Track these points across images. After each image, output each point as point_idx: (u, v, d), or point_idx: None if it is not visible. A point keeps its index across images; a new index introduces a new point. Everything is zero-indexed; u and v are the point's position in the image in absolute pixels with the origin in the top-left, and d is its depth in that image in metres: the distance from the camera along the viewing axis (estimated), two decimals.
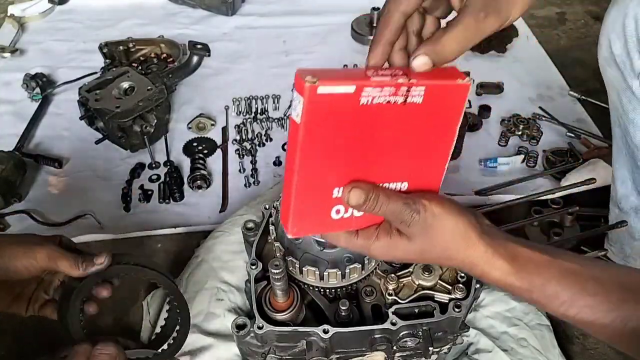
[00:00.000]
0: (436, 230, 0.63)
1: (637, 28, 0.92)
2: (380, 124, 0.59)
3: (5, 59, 1.94)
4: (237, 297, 1.10)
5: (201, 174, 1.50)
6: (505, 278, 0.64)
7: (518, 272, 0.64)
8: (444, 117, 0.63)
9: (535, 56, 1.94)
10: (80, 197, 1.50)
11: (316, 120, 0.56)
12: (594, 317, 0.62)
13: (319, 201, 0.63)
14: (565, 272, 0.63)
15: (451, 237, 0.64)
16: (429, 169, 0.67)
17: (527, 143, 1.62)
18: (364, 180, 0.63)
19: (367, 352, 0.85)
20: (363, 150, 0.61)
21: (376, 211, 0.62)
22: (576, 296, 0.63)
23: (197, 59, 1.77)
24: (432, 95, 0.59)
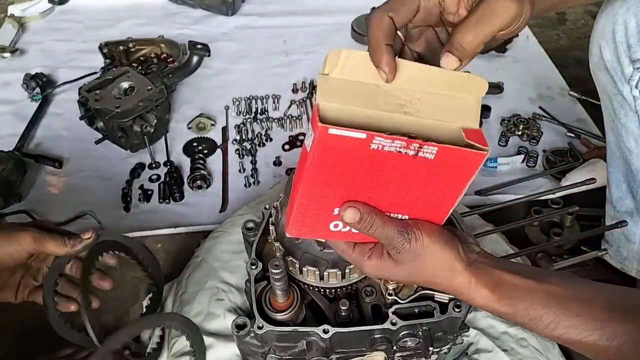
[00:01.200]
0: (424, 260, 0.67)
1: (626, 34, 0.92)
2: (388, 168, 0.60)
3: (5, 59, 1.94)
4: (237, 297, 1.10)
5: (201, 174, 1.50)
6: (488, 305, 0.68)
7: (501, 299, 0.67)
8: (454, 174, 0.63)
9: (535, 56, 1.95)
10: (80, 197, 1.50)
11: (325, 155, 0.58)
12: (579, 336, 0.64)
13: (319, 214, 0.67)
14: (550, 295, 0.66)
15: (438, 267, 0.67)
16: (433, 211, 0.68)
17: (527, 143, 1.62)
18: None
19: (367, 352, 0.85)
20: (368, 185, 0.63)
21: (370, 233, 0.65)
22: (560, 318, 0.65)
23: (197, 59, 1.77)
24: (445, 155, 0.59)
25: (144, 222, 1.43)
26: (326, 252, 0.87)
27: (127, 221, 1.44)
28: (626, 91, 0.96)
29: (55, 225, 0.88)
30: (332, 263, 0.85)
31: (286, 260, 0.82)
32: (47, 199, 1.50)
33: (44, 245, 0.81)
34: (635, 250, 1.10)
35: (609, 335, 0.63)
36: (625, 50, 0.94)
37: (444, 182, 0.64)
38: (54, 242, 0.80)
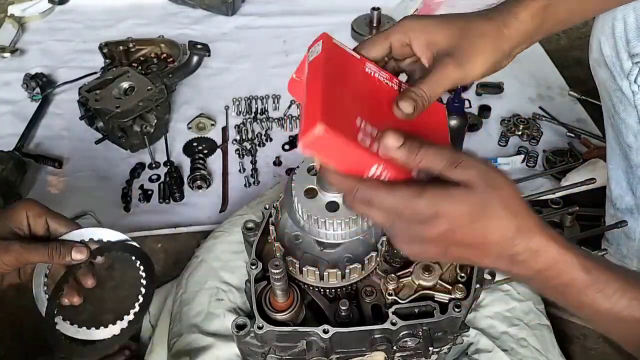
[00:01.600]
0: (497, 182, 0.54)
1: (625, 29, 0.93)
2: (383, 95, 0.68)
3: (5, 59, 1.94)
4: (237, 297, 1.10)
5: (201, 174, 1.50)
6: (581, 286, 0.57)
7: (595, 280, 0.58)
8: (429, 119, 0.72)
9: (535, 56, 1.94)
10: (80, 197, 1.50)
11: (329, 54, 0.73)
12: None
13: (344, 114, 0.61)
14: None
15: (513, 209, 0.54)
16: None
17: (527, 143, 1.62)
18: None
19: (367, 352, 0.85)
20: (374, 105, 0.67)
21: (417, 159, 0.55)
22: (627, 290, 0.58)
23: (197, 59, 1.77)
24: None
25: (144, 222, 1.43)
26: (326, 252, 0.87)
27: (127, 221, 1.44)
28: (625, 86, 0.96)
29: (44, 208, 0.82)
30: (332, 263, 0.85)
31: (286, 260, 0.82)
32: (47, 199, 1.49)
33: (29, 259, 0.77)
34: (636, 248, 1.10)
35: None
36: (624, 45, 0.94)
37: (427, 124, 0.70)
38: (40, 256, 0.77)
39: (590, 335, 1.21)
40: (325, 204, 0.78)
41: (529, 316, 1.09)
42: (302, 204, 0.77)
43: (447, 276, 0.86)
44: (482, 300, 1.10)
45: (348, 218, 0.76)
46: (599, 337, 1.21)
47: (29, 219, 0.81)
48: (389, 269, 0.89)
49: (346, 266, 0.82)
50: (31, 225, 0.81)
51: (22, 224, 0.80)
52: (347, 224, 0.77)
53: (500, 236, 0.55)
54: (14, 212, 0.80)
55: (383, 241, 0.84)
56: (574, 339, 1.21)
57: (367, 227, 0.79)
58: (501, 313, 1.08)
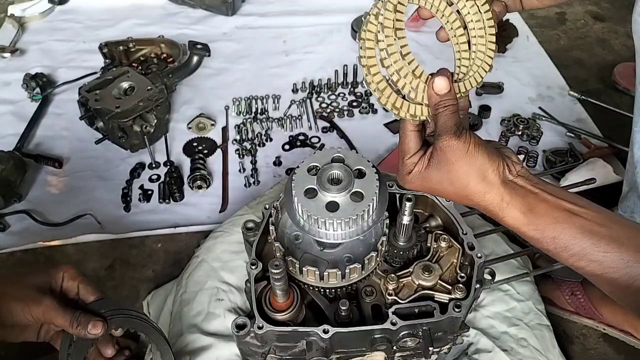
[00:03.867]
0: (463, 164, 0.67)
1: None
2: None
3: (5, 59, 1.94)
4: (237, 297, 1.10)
5: (201, 174, 1.50)
6: (518, 227, 0.68)
7: (530, 223, 0.67)
8: None
9: (535, 56, 1.95)
10: (80, 197, 1.50)
11: None
12: (601, 271, 0.65)
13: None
14: (581, 227, 0.66)
15: (474, 177, 0.67)
16: None
17: (527, 143, 1.62)
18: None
19: (367, 352, 0.85)
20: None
21: (440, 111, 0.67)
22: (587, 251, 0.65)
23: (197, 59, 1.77)
24: None
25: (144, 222, 1.43)
26: (326, 252, 0.87)
27: (127, 221, 1.44)
28: None
29: (80, 275, 0.88)
30: (332, 263, 0.85)
31: (286, 260, 0.82)
32: (47, 199, 1.50)
33: (53, 321, 0.82)
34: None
35: (632, 275, 0.63)
36: None
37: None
38: (62, 321, 0.81)
39: (590, 335, 1.21)
40: (325, 204, 0.78)
41: (529, 316, 1.09)
42: (302, 204, 0.77)
43: (447, 276, 0.86)
44: (482, 300, 1.10)
45: (348, 218, 0.76)
46: (599, 337, 1.21)
47: (64, 280, 0.86)
48: (389, 269, 0.89)
49: (346, 266, 0.82)
50: (64, 287, 0.87)
51: (57, 283, 0.86)
52: (347, 224, 0.77)
53: (456, 194, 0.71)
54: (53, 271, 0.86)
55: (383, 241, 0.84)
56: (574, 339, 1.21)
57: (367, 227, 0.79)
58: (501, 313, 1.08)
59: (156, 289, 1.27)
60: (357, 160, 0.82)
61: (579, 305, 1.19)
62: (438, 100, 0.67)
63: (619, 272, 0.64)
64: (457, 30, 0.71)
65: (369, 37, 0.68)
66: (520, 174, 0.69)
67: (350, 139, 1.64)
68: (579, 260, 0.66)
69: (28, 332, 0.87)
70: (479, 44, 0.71)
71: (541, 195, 0.68)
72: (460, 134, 0.67)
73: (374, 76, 0.70)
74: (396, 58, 0.67)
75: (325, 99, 1.78)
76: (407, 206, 0.82)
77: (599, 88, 1.82)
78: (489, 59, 0.70)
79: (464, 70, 0.71)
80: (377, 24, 0.67)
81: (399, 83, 0.68)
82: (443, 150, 0.67)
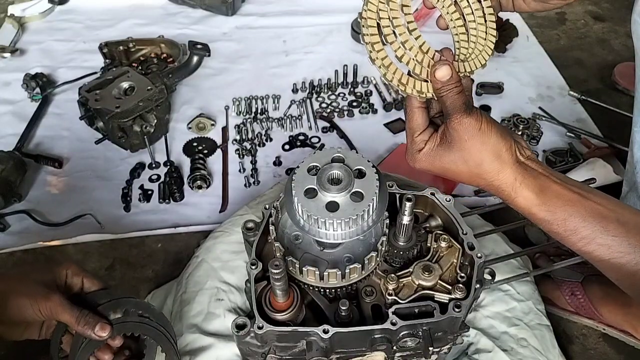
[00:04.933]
0: (476, 143, 0.67)
1: None
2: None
3: (5, 59, 1.94)
4: (237, 297, 1.10)
5: (201, 174, 1.50)
6: (530, 207, 0.68)
7: (542, 204, 0.67)
8: None
9: (535, 56, 1.95)
10: (80, 197, 1.50)
11: None
12: (609, 256, 0.66)
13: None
14: (591, 211, 0.66)
15: (488, 155, 0.67)
16: None
17: (527, 143, 1.61)
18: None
19: (367, 352, 0.85)
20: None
21: (445, 95, 0.66)
22: (596, 234, 0.66)
23: (197, 59, 1.77)
24: None
25: (144, 222, 1.43)
26: (326, 252, 0.87)
27: (127, 221, 1.44)
28: None
29: (82, 271, 0.88)
30: (332, 263, 0.85)
31: (286, 260, 0.82)
32: (47, 199, 1.50)
33: (60, 317, 0.82)
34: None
35: (638, 261, 0.64)
36: None
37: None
38: (69, 318, 0.81)
39: (590, 335, 1.21)
40: (325, 204, 0.78)
41: (529, 316, 1.09)
42: (302, 204, 0.77)
43: (447, 276, 0.86)
44: (482, 300, 1.10)
45: (348, 218, 0.76)
46: (599, 337, 1.21)
47: (67, 277, 0.87)
48: (389, 269, 0.89)
49: (346, 266, 0.82)
50: (68, 283, 0.87)
51: (62, 279, 0.87)
52: (347, 224, 0.77)
53: (470, 174, 0.70)
54: (57, 268, 0.87)
55: (383, 241, 0.84)
56: (574, 339, 1.21)
57: (367, 227, 0.79)
58: (501, 313, 1.08)
59: (156, 289, 1.28)
60: (357, 160, 0.82)
61: (578, 305, 1.19)
62: (441, 85, 0.67)
63: (626, 258, 0.65)
64: (453, 15, 0.71)
65: (370, 15, 0.68)
66: (531, 157, 0.70)
67: (350, 139, 1.64)
68: (587, 244, 0.66)
69: (31, 330, 0.88)
70: (479, 29, 0.70)
71: (552, 177, 0.68)
72: (471, 112, 0.66)
73: (378, 52, 0.69)
74: (402, 31, 0.66)
75: (325, 99, 1.78)
76: (407, 206, 0.82)
77: (599, 88, 1.82)
78: (490, 44, 0.71)
79: (464, 52, 0.71)
80: (377, 2, 0.67)
81: (404, 58, 0.68)
82: (455, 128, 0.67)
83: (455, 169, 0.70)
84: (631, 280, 0.66)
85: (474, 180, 0.71)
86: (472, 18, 0.71)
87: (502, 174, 0.68)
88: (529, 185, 0.67)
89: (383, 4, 0.67)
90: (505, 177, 0.68)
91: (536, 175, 0.68)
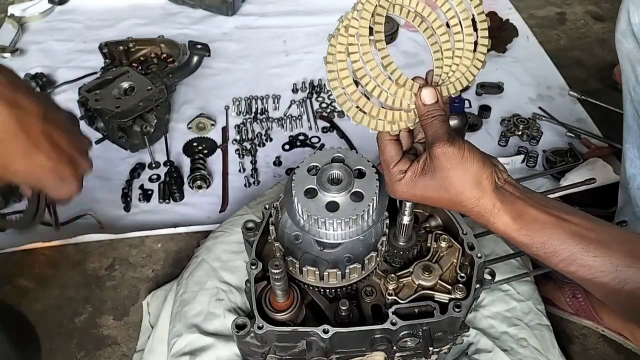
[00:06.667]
0: (458, 171, 0.67)
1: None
2: None
3: (5, 59, 1.94)
4: (237, 297, 1.10)
5: (201, 174, 1.50)
6: (509, 232, 0.69)
7: (520, 229, 0.68)
8: None
9: (535, 56, 1.95)
10: (80, 197, 1.49)
11: None
12: (592, 276, 0.66)
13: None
14: (570, 232, 0.66)
15: (469, 183, 0.68)
16: None
17: (527, 143, 1.62)
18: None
19: (367, 352, 0.85)
20: None
21: (428, 122, 0.67)
22: (576, 255, 0.66)
23: (197, 59, 1.77)
24: None
25: (144, 222, 1.43)
26: (326, 252, 0.87)
27: (127, 221, 1.44)
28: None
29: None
30: (332, 263, 0.85)
31: (286, 260, 0.82)
32: None
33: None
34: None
35: (622, 279, 0.64)
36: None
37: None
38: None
39: (590, 336, 1.21)
40: (325, 204, 0.78)
41: (529, 316, 1.09)
42: (302, 204, 0.77)
43: (447, 276, 0.86)
44: (482, 300, 1.10)
45: (348, 218, 0.76)
46: (599, 338, 1.21)
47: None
48: (389, 269, 0.89)
49: (346, 266, 0.82)
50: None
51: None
52: (347, 224, 0.77)
53: (451, 201, 0.70)
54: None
55: (383, 241, 0.84)
56: (574, 339, 1.21)
57: (367, 227, 0.79)
58: (501, 313, 1.08)
59: (156, 289, 1.27)
60: (357, 160, 0.82)
61: (579, 307, 1.19)
62: (425, 111, 0.67)
63: (609, 276, 0.65)
64: (438, 29, 0.69)
65: (339, 50, 0.67)
66: (508, 181, 0.70)
67: (350, 139, 1.64)
68: (568, 265, 0.67)
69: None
70: (465, 48, 0.69)
71: (529, 202, 0.68)
72: (454, 141, 0.67)
73: (347, 87, 0.68)
74: (372, 66, 0.66)
75: (325, 99, 1.78)
76: (407, 206, 0.82)
77: (599, 88, 1.82)
78: (478, 62, 0.69)
79: (446, 72, 0.70)
80: (347, 36, 0.66)
81: (375, 91, 0.67)
82: (438, 157, 0.67)
83: (436, 196, 0.71)
84: (616, 297, 0.66)
85: (455, 207, 0.71)
86: (460, 37, 0.69)
87: (482, 200, 0.68)
88: (506, 210, 0.68)
89: (353, 38, 0.67)
90: (484, 203, 0.68)
91: (513, 200, 0.68)
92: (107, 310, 1.27)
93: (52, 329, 1.23)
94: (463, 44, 0.69)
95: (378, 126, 0.70)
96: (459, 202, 0.69)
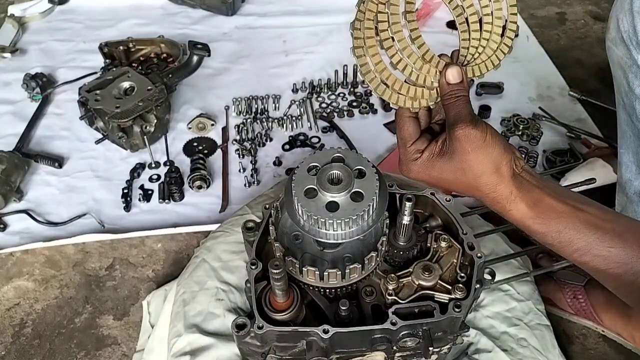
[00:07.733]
0: (479, 154, 0.66)
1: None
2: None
3: (5, 59, 1.94)
4: (237, 297, 1.10)
5: (201, 174, 1.50)
6: (524, 220, 0.68)
7: (536, 217, 0.67)
8: None
9: (535, 56, 1.94)
10: (80, 197, 1.50)
11: None
12: (606, 267, 0.65)
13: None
14: (586, 222, 0.66)
15: (489, 167, 0.67)
16: None
17: (527, 143, 1.62)
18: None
19: (367, 352, 0.85)
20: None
21: (452, 101, 0.66)
22: (591, 246, 0.66)
23: (197, 59, 1.77)
24: None
25: (144, 222, 1.44)
26: (326, 252, 0.87)
27: (127, 221, 1.44)
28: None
29: None
30: (332, 263, 0.85)
31: (286, 260, 0.82)
32: (47, 199, 1.50)
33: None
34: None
35: (636, 271, 0.64)
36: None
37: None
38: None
39: (590, 336, 1.21)
40: (325, 204, 0.78)
41: (529, 316, 1.09)
42: (302, 204, 0.77)
43: (447, 276, 0.86)
44: (482, 300, 1.10)
45: (348, 218, 0.76)
46: (599, 338, 1.21)
47: None
48: (389, 269, 0.89)
49: (346, 266, 0.82)
50: None
51: None
52: (347, 224, 0.77)
53: (467, 185, 0.69)
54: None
55: (383, 241, 0.84)
56: (574, 339, 1.21)
57: (367, 227, 0.79)
58: (501, 313, 1.08)
59: (156, 289, 1.28)
60: (357, 160, 0.82)
61: (580, 308, 1.19)
62: (449, 90, 0.66)
63: (623, 268, 0.64)
64: (469, 9, 0.68)
65: (368, 17, 0.65)
66: (525, 168, 0.70)
67: (350, 139, 1.64)
68: (583, 255, 0.66)
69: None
70: (493, 31, 0.68)
71: (546, 190, 0.68)
72: (477, 123, 0.66)
73: (373, 57, 0.67)
74: (400, 37, 0.65)
75: (325, 99, 1.78)
76: (407, 206, 0.82)
77: (599, 88, 1.82)
78: (505, 47, 0.68)
79: (472, 53, 0.69)
80: (377, 3, 0.65)
81: (400, 64, 0.66)
82: (459, 139, 0.66)
83: (452, 179, 0.70)
84: (629, 288, 0.66)
85: (470, 191, 0.71)
86: (490, 19, 0.68)
87: (499, 186, 0.67)
88: (523, 198, 0.67)
89: (383, 6, 0.66)
90: (501, 190, 0.68)
91: (530, 188, 0.68)
92: (107, 310, 1.27)
93: (52, 329, 1.23)
94: (491, 27, 0.68)
95: (399, 101, 0.69)
96: (475, 187, 0.68)
